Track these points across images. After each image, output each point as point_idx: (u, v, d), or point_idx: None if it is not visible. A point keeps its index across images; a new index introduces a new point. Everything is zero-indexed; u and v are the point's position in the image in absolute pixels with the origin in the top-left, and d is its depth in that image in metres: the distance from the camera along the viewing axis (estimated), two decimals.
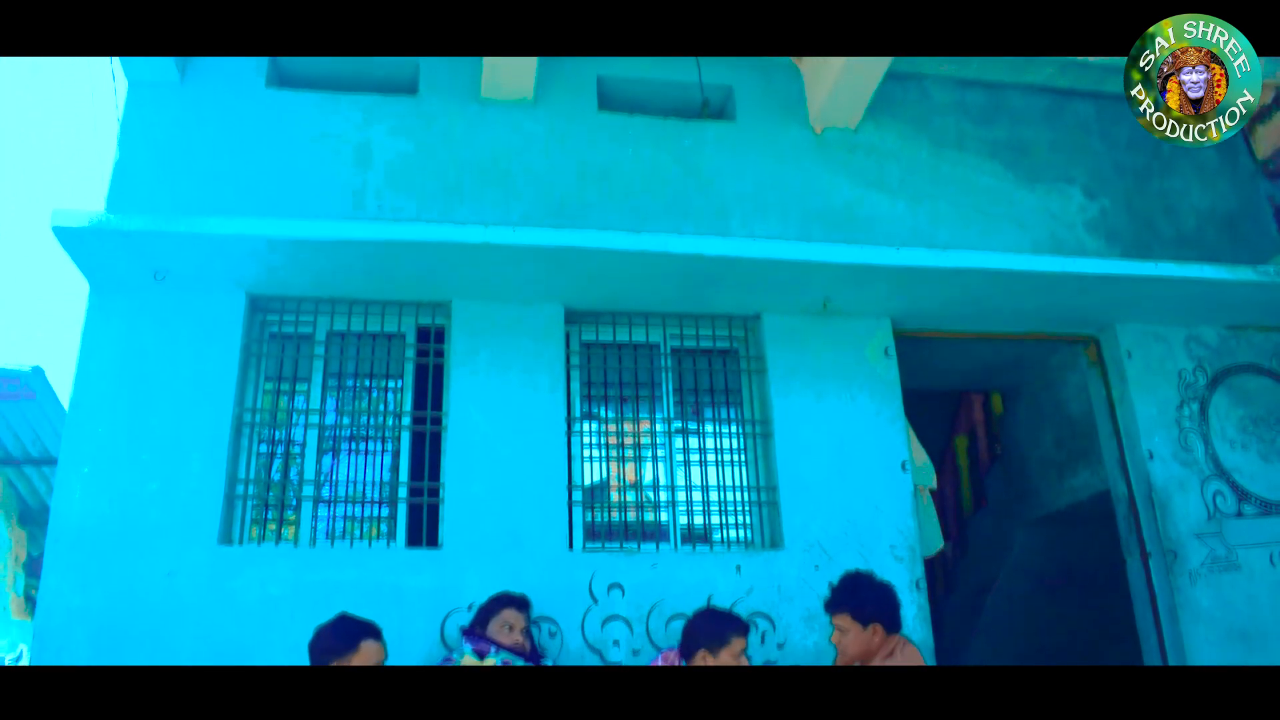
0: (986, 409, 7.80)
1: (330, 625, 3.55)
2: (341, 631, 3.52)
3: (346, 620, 3.57)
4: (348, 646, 3.47)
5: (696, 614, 3.98)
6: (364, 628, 3.55)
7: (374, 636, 3.54)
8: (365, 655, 3.47)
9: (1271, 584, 5.30)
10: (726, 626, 3.85)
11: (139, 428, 4.45)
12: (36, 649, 4.13)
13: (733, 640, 3.80)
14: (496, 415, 4.71)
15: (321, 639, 3.51)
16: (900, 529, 4.87)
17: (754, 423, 5.11)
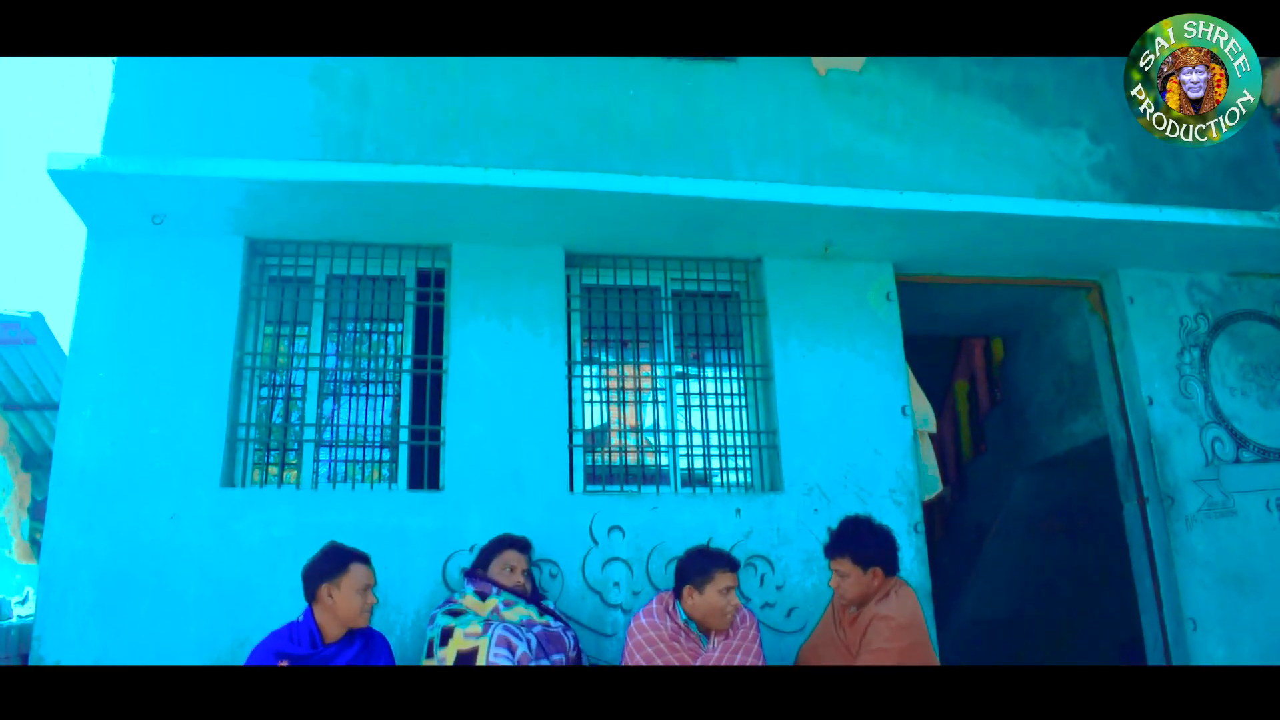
0: (987, 354, 7.81)
1: (320, 552, 3.66)
2: (331, 555, 3.63)
3: (336, 546, 3.68)
4: (337, 569, 3.58)
5: (686, 552, 4.01)
6: (352, 552, 3.66)
7: (362, 560, 3.65)
8: (354, 576, 3.59)
9: (1267, 529, 5.35)
10: (712, 562, 3.86)
11: (139, 372, 4.45)
12: (42, 591, 4.17)
13: (716, 575, 3.81)
14: (497, 358, 4.71)
15: (313, 565, 3.63)
16: (899, 473, 4.90)
17: (754, 366, 5.12)
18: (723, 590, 3.82)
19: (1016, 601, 7.55)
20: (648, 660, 3.81)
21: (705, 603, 3.82)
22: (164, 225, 4.58)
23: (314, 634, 3.58)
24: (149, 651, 4.12)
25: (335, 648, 3.59)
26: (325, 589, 3.57)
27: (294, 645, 3.57)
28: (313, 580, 3.61)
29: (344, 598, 3.57)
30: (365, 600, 3.61)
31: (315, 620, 3.60)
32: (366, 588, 3.62)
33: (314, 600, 3.61)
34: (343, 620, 3.60)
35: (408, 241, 4.86)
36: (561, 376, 4.77)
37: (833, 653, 3.91)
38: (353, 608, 3.58)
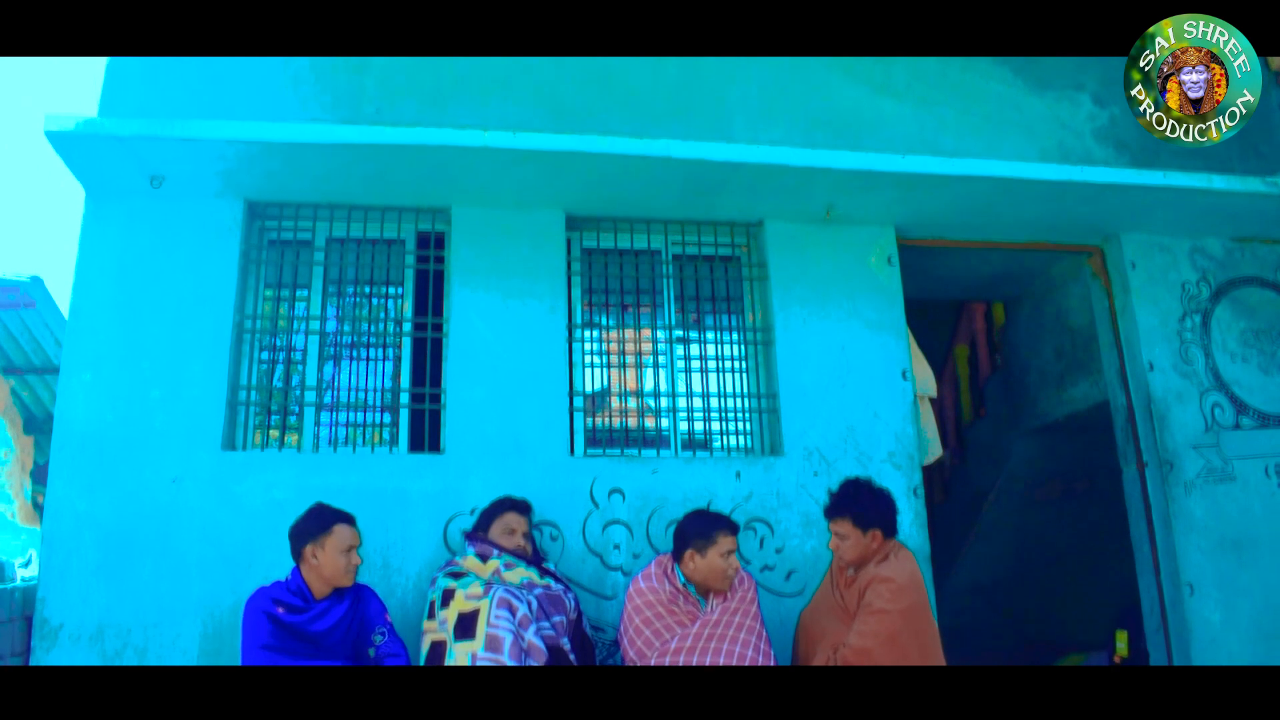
0: (988, 319, 7.79)
1: (306, 512, 3.71)
2: (316, 516, 3.68)
3: (322, 507, 3.73)
4: (322, 529, 3.63)
5: (686, 515, 4.02)
6: (337, 513, 3.70)
7: (347, 521, 3.69)
8: (338, 537, 3.63)
9: (1265, 495, 5.37)
10: (713, 525, 3.89)
11: (139, 335, 4.45)
12: (45, 553, 4.19)
13: (719, 538, 3.84)
14: (497, 322, 4.71)
15: (298, 524, 3.68)
16: (899, 436, 4.91)
17: (755, 330, 5.11)
18: (724, 553, 3.84)
19: (1015, 565, 7.59)
20: (646, 623, 3.84)
21: (707, 565, 3.84)
22: (163, 188, 4.55)
23: (304, 590, 3.64)
24: (152, 612, 4.15)
25: (326, 603, 3.65)
26: (310, 549, 3.62)
27: (289, 595, 3.62)
28: (298, 539, 3.66)
29: (328, 558, 3.61)
30: (350, 560, 3.65)
31: (302, 578, 3.65)
32: (351, 548, 3.66)
33: (299, 559, 3.66)
34: (327, 579, 3.64)
35: (407, 204, 4.84)
36: (562, 340, 4.77)
37: (831, 616, 3.93)
38: (336, 568, 3.63)
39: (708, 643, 3.76)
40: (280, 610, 3.55)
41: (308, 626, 3.57)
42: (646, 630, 3.83)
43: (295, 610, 3.59)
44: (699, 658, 3.73)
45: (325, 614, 3.62)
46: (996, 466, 7.42)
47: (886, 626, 3.63)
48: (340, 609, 3.66)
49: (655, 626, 3.83)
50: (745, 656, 3.74)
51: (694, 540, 3.86)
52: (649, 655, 3.79)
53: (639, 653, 3.82)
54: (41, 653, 4.07)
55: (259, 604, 3.56)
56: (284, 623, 3.54)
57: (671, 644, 3.77)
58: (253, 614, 3.55)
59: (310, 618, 3.59)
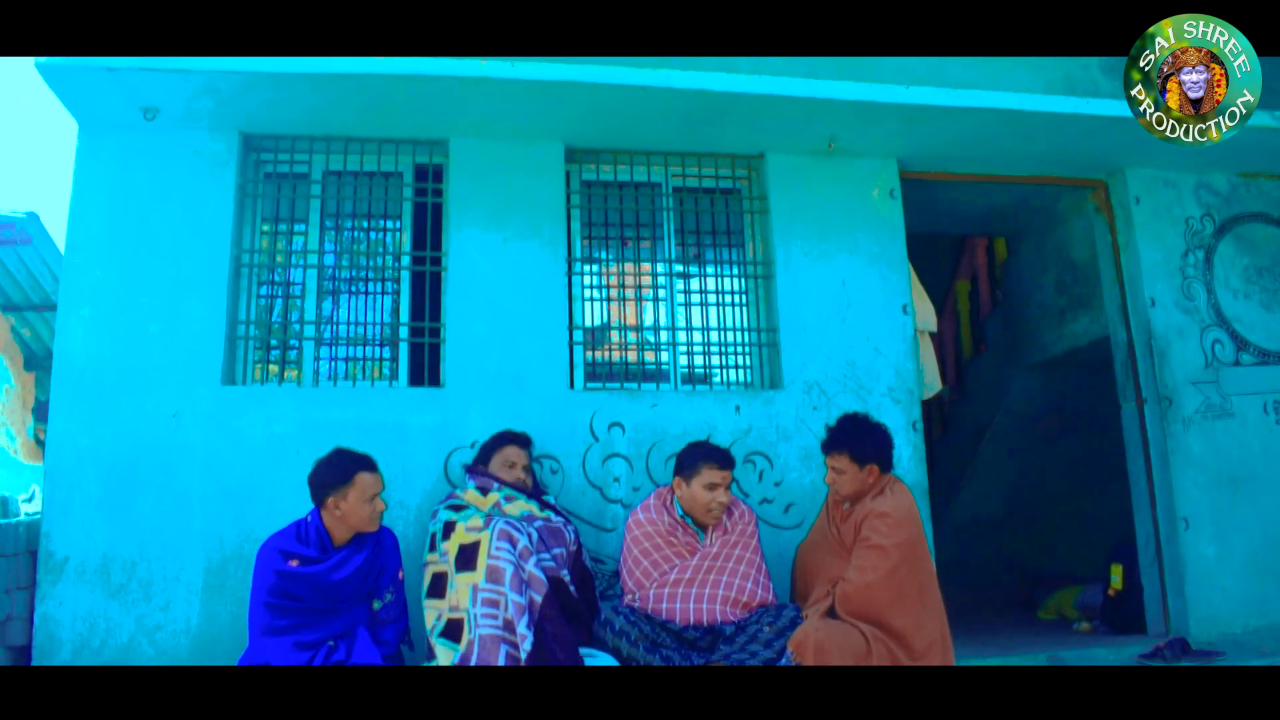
0: (990, 254, 7.76)
1: (325, 460, 3.63)
2: (337, 465, 3.60)
3: (341, 454, 3.65)
4: (343, 479, 3.56)
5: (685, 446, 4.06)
6: (358, 460, 3.63)
7: (368, 468, 3.62)
8: (361, 486, 3.57)
9: (1264, 431, 5.40)
10: (700, 456, 3.93)
11: (136, 270, 4.43)
12: (48, 489, 4.22)
13: (702, 469, 3.88)
14: (496, 255, 4.68)
15: (318, 473, 3.59)
16: (899, 371, 4.91)
17: (755, 264, 5.08)
18: (707, 485, 3.88)
19: (1012, 500, 7.64)
20: (645, 554, 3.88)
21: (689, 495, 3.90)
22: (156, 120, 4.49)
23: (323, 537, 3.58)
24: (155, 545, 4.18)
25: (346, 551, 3.60)
26: (332, 500, 3.55)
27: (303, 546, 3.56)
28: (319, 490, 3.58)
29: (351, 507, 3.56)
30: (374, 508, 3.60)
31: (323, 524, 3.60)
32: (374, 495, 3.60)
33: (321, 507, 3.59)
34: (352, 526, 3.60)
35: (405, 136, 4.78)
36: (561, 273, 4.74)
37: (828, 551, 3.97)
38: (361, 516, 3.58)
39: (706, 574, 3.80)
40: (293, 564, 3.49)
41: (325, 577, 3.52)
42: (645, 561, 3.88)
43: (311, 561, 3.52)
44: (698, 589, 3.77)
45: (344, 563, 3.57)
46: (995, 402, 7.43)
47: (884, 561, 3.66)
48: (359, 557, 3.61)
49: (654, 557, 3.87)
50: (744, 589, 3.79)
51: (683, 469, 3.93)
52: (647, 586, 3.83)
53: (637, 583, 3.86)
54: (47, 585, 4.11)
55: (268, 558, 3.51)
56: (296, 575, 3.48)
57: (670, 575, 3.82)
58: (262, 567, 3.52)
59: (329, 568, 3.53)
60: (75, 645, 4.09)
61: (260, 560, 3.54)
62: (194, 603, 4.17)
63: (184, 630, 4.15)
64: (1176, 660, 4.59)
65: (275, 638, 3.44)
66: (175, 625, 4.15)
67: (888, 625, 3.62)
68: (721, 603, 3.76)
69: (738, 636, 3.66)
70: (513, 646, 3.43)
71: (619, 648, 3.59)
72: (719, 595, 3.77)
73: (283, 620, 3.46)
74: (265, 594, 3.47)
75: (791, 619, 3.65)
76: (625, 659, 3.58)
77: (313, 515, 3.62)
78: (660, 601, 3.78)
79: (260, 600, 3.48)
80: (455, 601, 3.61)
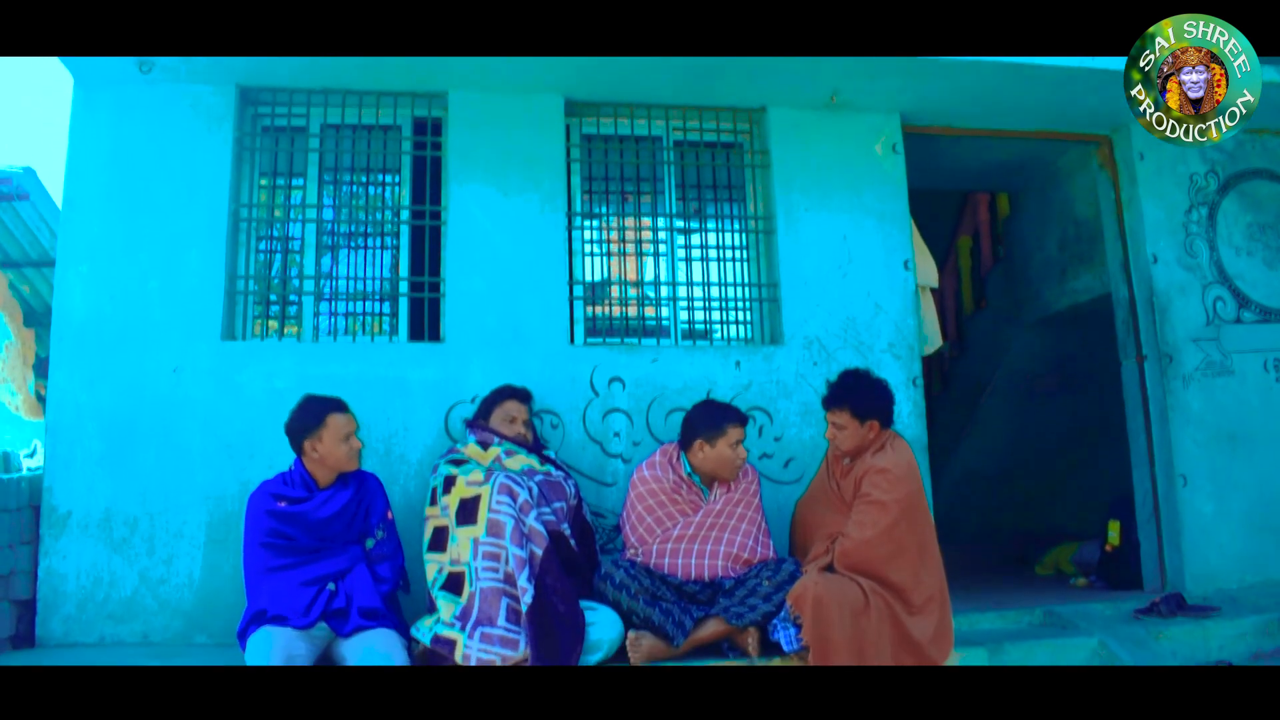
0: (992, 210, 7.71)
1: (297, 407, 3.72)
2: (308, 409, 3.69)
3: (311, 399, 3.73)
4: (315, 422, 3.65)
5: (695, 406, 4.06)
6: (328, 402, 3.71)
7: (339, 409, 3.71)
8: (334, 427, 3.66)
9: (1263, 389, 5.39)
10: (723, 416, 3.94)
11: (134, 225, 4.41)
12: (50, 444, 4.24)
13: (728, 429, 3.90)
14: (495, 210, 4.65)
15: (292, 421, 3.69)
16: (899, 327, 4.90)
17: (756, 219, 5.06)
18: (734, 444, 3.91)
19: (1011, 457, 7.65)
20: (648, 510, 3.90)
21: (716, 455, 3.90)
22: (152, 74, 4.45)
23: (307, 480, 3.68)
24: (158, 500, 4.21)
25: (330, 491, 3.70)
26: (308, 443, 3.65)
27: (289, 488, 3.67)
28: (295, 435, 3.68)
29: (327, 448, 3.65)
30: (350, 446, 3.69)
31: (306, 469, 3.69)
32: (349, 434, 3.69)
33: (300, 453, 3.70)
34: (331, 468, 3.69)
35: (403, 89, 4.73)
36: (561, 228, 4.72)
37: (828, 506, 3.99)
38: (338, 456, 3.67)
39: (710, 531, 3.83)
40: (281, 504, 3.61)
41: (311, 515, 3.62)
42: (649, 518, 3.90)
43: (298, 501, 3.63)
44: (700, 544, 3.80)
45: (328, 501, 3.66)
46: (996, 359, 7.43)
47: (884, 517, 3.68)
48: (344, 496, 3.70)
49: (657, 514, 3.89)
50: (746, 546, 3.81)
51: (704, 431, 3.92)
52: (650, 542, 3.86)
53: (640, 538, 3.89)
54: (51, 540, 4.14)
55: (259, 502, 3.63)
56: (286, 514, 3.60)
57: (674, 531, 3.85)
58: (253, 512, 3.63)
59: (314, 505, 3.63)
60: (80, 598, 4.12)
61: (251, 506, 3.64)
62: (196, 556, 4.20)
63: (187, 584, 4.18)
64: (1171, 615, 4.63)
65: (274, 575, 3.53)
66: (178, 579, 4.18)
67: (886, 580, 3.65)
68: (723, 559, 3.79)
69: (737, 590, 3.69)
70: (513, 599, 3.45)
71: (619, 601, 3.62)
72: (720, 551, 3.80)
73: (279, 559, 3.55)
74: (260, 535, 3.57)
75: (790, 573, 3.68)
76: (625, 612, 3.61)
77: (296, 464, 3.72)
78: (663, 557, 3.81)
79: (255, 541, 3.57)
80: (456, 555, 3.63)
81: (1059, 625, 4.60)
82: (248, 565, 3.59)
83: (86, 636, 4.11)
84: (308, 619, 3.43)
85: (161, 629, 4.15)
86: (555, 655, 3.35)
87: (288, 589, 3.49)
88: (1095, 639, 4.33)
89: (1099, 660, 4.29)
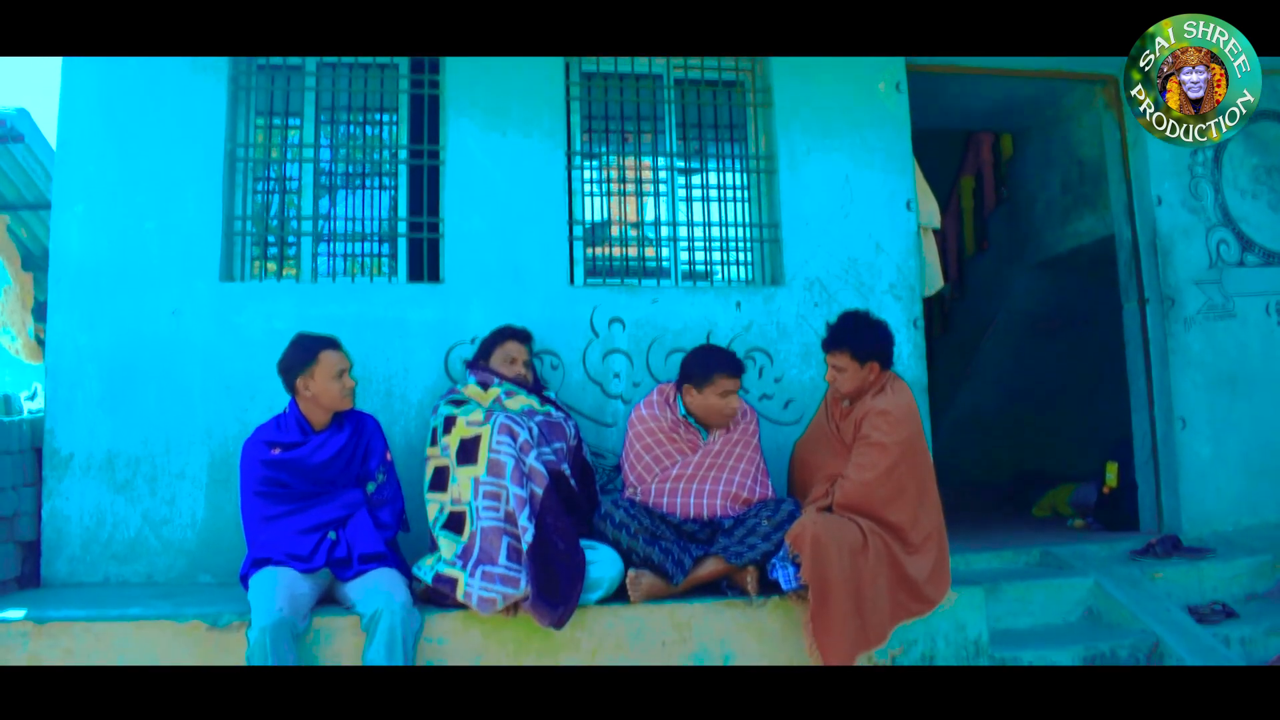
0: (995, 151, 7.65)
1: (289, 345, 3.71)
2: (300, 346, 3.69)
3: (303, 336, 3.73)
4: (308, 359, 3.64)
5: (693, 350, 4.05)
6: (320, 340, 3.70)
7: (332, 346, 3.70)
8: (326, 363, 3.64)
9: (1265, 333, 5.39)
10: (713, 365, 3.93)
11: (130, 165, 4.37)
12: (50, 387, 4.24)
13: (716, 378, 3.89)
14: (494, 149, 4.60)
15: (284, 359, 3.68)
16: (901, 268, 4.87)
17: (758, 158, 5.00)
18: (721, 394, 3.90)
19: (1010, 399, 7.67)
20: (646, 449, 3.92)
21: (702, 402, 3.92)
22: None
23: (302, 422, 3.68)
24: (159, 441, 4.22)
25: (325, 434, 3.70)
26: (301, 381, 3.64)
27: (283, 433, 3.67)
28: (287, 374, 3.66)
29: (320, 386, 3.63)
30: (343, 384, 3.68)
31: (300, 410, 3.69)
32: (341, 372, 3.67)
33: (293, 393, 3.68)
34: (325, 407, 3.68)
35: None
36: (561, 167, 4.67)
37: (828, 448, 4.00)
38: (332, 394, 3.66)
39: (708, 471, 3.85)
40: (276, 451, 3.60)
41: (308, 459, 3.62)
42: (647, 456, 3.93)
43: (293, 446, 3.63)
44: (698, 484, 3.82)
45: (325, 445, 3.67)
46: (997, 301, 7.42)
47: (884, 459, 3.70)
48: (340, 438, 3.70)
49: (655, 453, 3.92)
50: (745, 485, 3.84)
51: (694, 376, 3.93)
52: (649, 480, 3.88)
53: (639, 477, 3.91)
54: (54, 481, 4.16)
55: (253, 450, 3.62)
56: (280, 461, 3.59)
57: (673, 471, 3.87)
58: (247, 460, 3.63)
59: (310, 450, 3.63)
60: (84, 539, 4.15)
61: (245, 454, 3.65)
62: (199, 497, 4.22)
63: (190, 524, 4.21)
64: (1167, 556, 4.67)
65: (272, 524, 3.54)
66: (181, 519, 4.20)
67: (885, 520, 3.67)
68: (722, 498, 3.81)
69: (736, 530, 3.71)
70: (514, 538, 3.47)
71: (619, 540, 3.64)
72: (719, 491, 3.82)
73: (277, 507, 3.57)
74: (255, 484, 3.58)
75: (789, 513, 3.70)
76: (625, 551, 3.64)
77: (290, 406, 3.71)
78: (661, 496, 3.83)
79: (251, 490, 3.59)
80: (457, 495, 3.64)
81: (1055, 565, 4.64)
82: (245, 514, 3.61)
83: (91, 576, 4.14)
84: (310, 565, 3.46)
85: (166, 569, 4.18)
86: (555, 593, 3.38)
87: (287, 537, 3.51)
88: (1091, 579, 4.37)
89: (1094, 600, 4.33)
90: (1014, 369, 7.55)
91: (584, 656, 3.54)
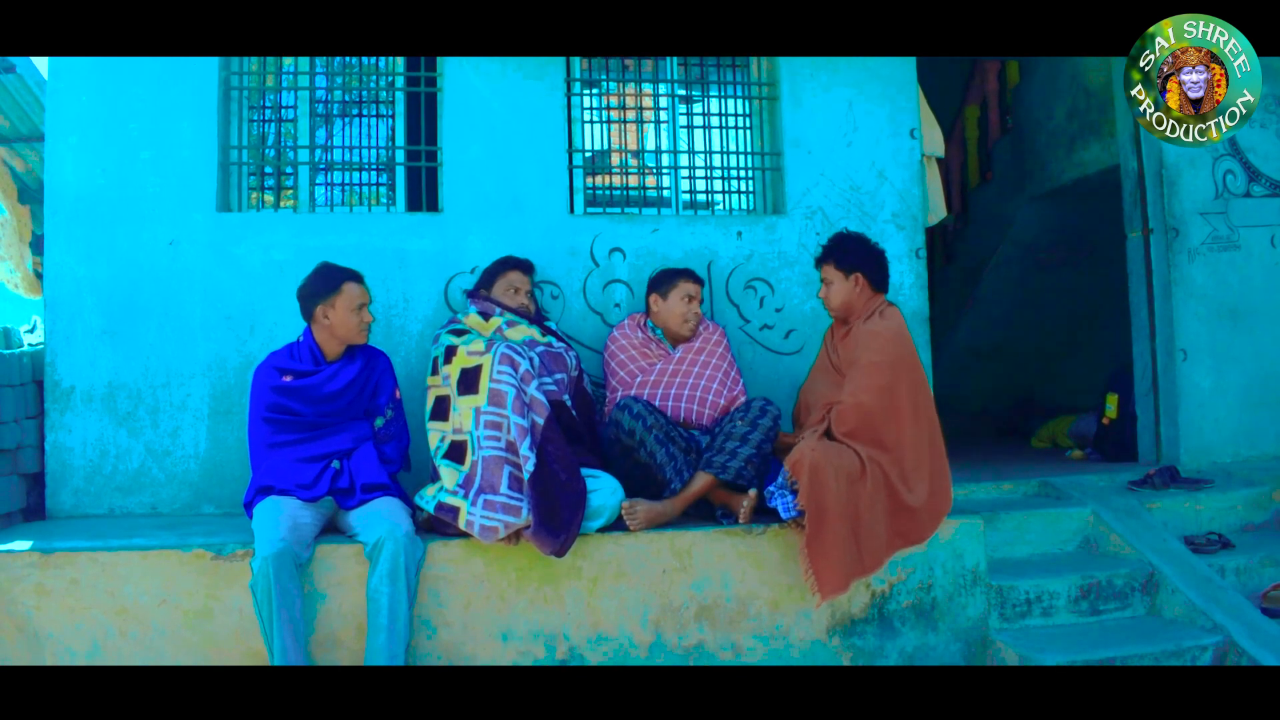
0: (1001, 79, 7.54)
1: (313, 272, 3.71)
2: (324, 274, 3.69)
3: (328, 265, 3.73)
4: (331, 288, 3.64)
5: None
6: (345, 271, 3.71)
7: (355, 279, 3.71)
8: (348, 295, 3.65)
9: (1268, 265, 5.36)
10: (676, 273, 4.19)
11: (123, 95, 4.31)
12: (49, 319, 4.23)
13: (680, 283, 4.16)
14: (493, 75, 4.53)
15: (306, 285, 3.68)
16: (904, 197, 4.82)
17: (760, 85, 4.93)
18: (684, 297, 4.12)
19: (1011, 330, 7.64)
20: (621, 364, 4.14)
21: (668, 308, 4.14)
22: None
23: (315, 352, 3.68)
24: (160, 373, 4.22)
25: (338, 365, 3.70)
26: (321, 309, 3.64)
27: (296, 362, 3.68)
28: (308, 300, 3.67)
29: (339, 316, 3.64)
30: (361, 318, 3.69)
31: (315, 339, 3.69)
32: (362, 305, 3.69)
33: (311, 320, 3.69)
34: (341, 338, 3.69)
35: None
36: (560, 95, 4.60)
37: (827, 380, 4.01)
38: (350, 325, 3.66)
39: (673, 378, 4.06)
40: (287, 379, 3.62)
41: (320, 389, 3.64)
42: (622, 370, 4.15)
43: (305, 374, 3.64)
44: (664, 389, 4.04)
45: (336, 375, 3.68)
46: (1000, 232, 7.36)
47: (878, 379, 3.72)
48: (352, 370, 3.71)
49: (629, 367, 4.13)
50: (711, 389, 4.03)
51: (660, 285, 4.17)
52: (631, 384, 4.10)
53: (622, 381, 4.13)
54: (56, 414, 4.17)
55: (264, 376, 3.64)
56: (290, 389, 3.61)
57: (646, 378, 4.08)
58: (258, 385, 3.65)
59: (322, 379, 3.65)
60: (88, 471, 4.18)
61: (256, 379, 3.66)
62: (201, 428, 4.23)
63: (193, 455, 4.23)
64: (1165, 487, 4.69)
65: (278, 451, 3.57)
66: (184, 450, 4.23)
67: (882, 443, 3.68)
68: (688, 401, 4.01)
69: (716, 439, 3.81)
70: (515, 468, 3.49)
71: (634, 430, 3.71)
72: (684, 395, 4.01)
73: (283, 435, 3.59)
74: (263, 410, 3.60)
75: (760, 408, 3.81)
76: (636, 443, 3.71)
77: (305, 334, 3.72)
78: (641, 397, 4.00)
79: (259, 416, 3.61)
80: (458, 424, 3.65)
81: (1053, 496, 4.66)
82: (252, 439, 3.64)
83: (96, 508, 4.17)
84: (312, 493, 3.49)
85: (169, 500, 4.21)
86: (557, 521, 3.40)
87: (291, 465, 3.54)
88: (1088, 509, 4.39)
89: (1091, 530, 4.36)
90: (1015, 300, 7.52)
91: (585, 584, 3.58)
